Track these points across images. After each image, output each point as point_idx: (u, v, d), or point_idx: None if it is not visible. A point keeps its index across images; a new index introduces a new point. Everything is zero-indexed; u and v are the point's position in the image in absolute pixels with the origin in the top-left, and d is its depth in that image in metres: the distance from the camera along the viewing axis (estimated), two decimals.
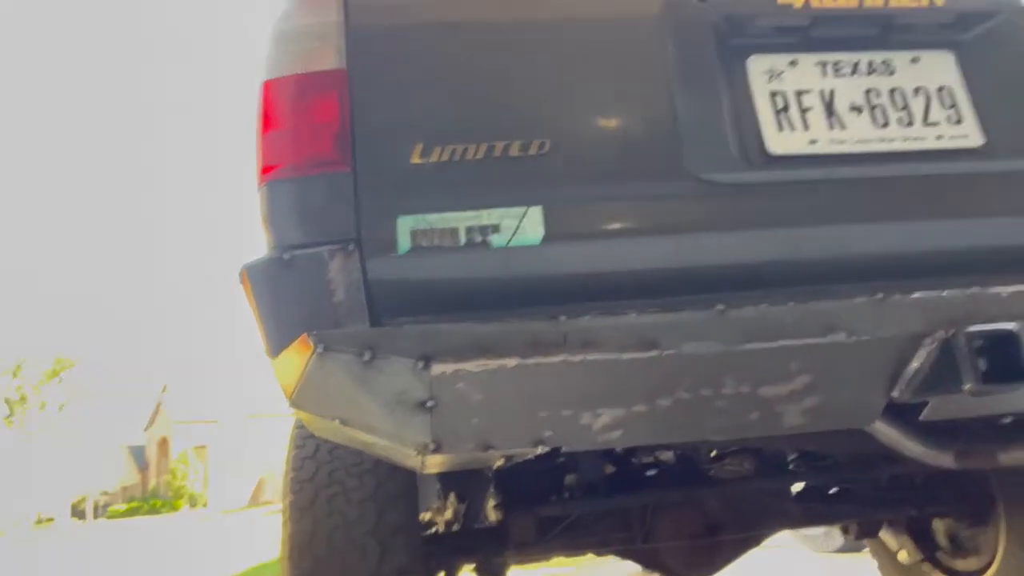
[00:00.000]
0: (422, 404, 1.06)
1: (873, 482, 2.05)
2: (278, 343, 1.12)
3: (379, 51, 1.25)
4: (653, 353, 1.07)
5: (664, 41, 1.27)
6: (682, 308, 1.12)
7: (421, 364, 1.04)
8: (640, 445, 1.21)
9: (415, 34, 1.27)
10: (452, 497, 1.95)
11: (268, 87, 1.24)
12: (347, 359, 1.04)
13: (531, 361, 1.05)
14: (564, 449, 1.18)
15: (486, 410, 1.10)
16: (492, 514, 1.87)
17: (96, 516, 28.48)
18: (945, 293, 1.13)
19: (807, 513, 2.04)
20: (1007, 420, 1.36)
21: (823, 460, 2.00)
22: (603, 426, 1.12)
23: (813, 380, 1.12)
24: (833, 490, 2.12)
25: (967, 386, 1.06)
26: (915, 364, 1.11)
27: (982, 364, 1.08)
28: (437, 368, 1.04)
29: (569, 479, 1.91)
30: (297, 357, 1.08)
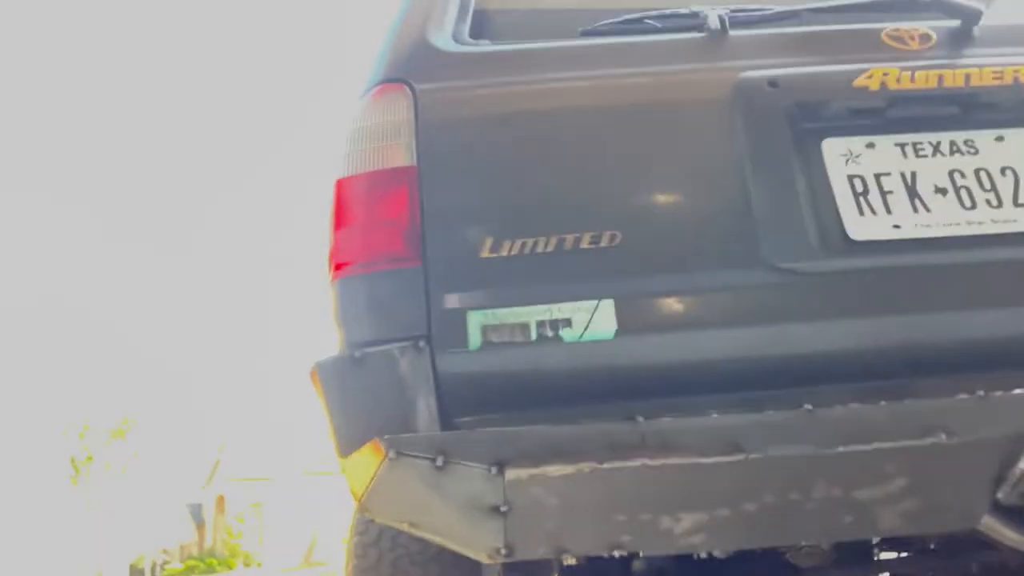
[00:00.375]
0: (495, 509, 1.03)
1: (963, 570, 1.91)
2: (349, 444, 1.10)
3: (449, 147, 1.26)
4: (738, 457, 1.02)
5: (735, 127, 1.25)
6: (764, 407, 1.07)
7: (495, 470, 1.01)
8: (725, 549, 1.14)
9: (483, 129, 1.29)
10: None
11: (340, 185, 1.26)
12: (420, 464, 1.02)
13: (608, 465, 1.02)
14: (642, 554, 1.12)
15: (561, 514, 1.06)
16: None
17: (154, 575, 28.76)
18: None
19: None
20: None
21: (910, 545, 1.88)
22: (684, 531, 1.07)
23: (911, 483, 1.05)
24: None
25: None
26: (1022, 466, 1.04)
27: None
28: (511, 473, 1.01)
29: (637, 564, 1.83)
30: (368, 460, 1.06)
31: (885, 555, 1.93)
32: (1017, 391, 1.05)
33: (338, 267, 1.24)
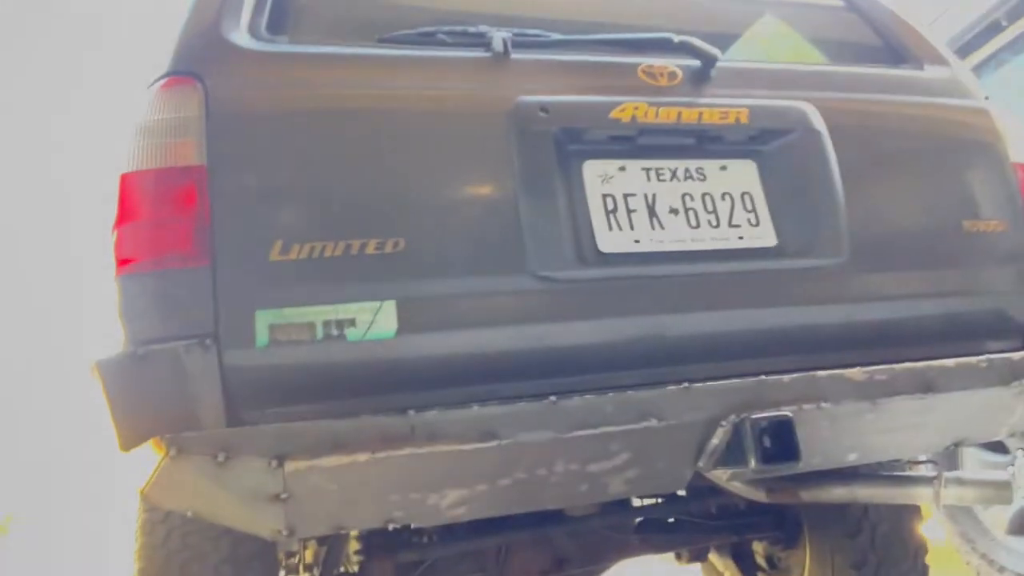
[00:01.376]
0: (276, 496, 1.12)
1: (704, 512, 2.29)
2: (131, 439, 1.14)
3: (239, 147, 1.29)
4: (493, 444, 1.19)
5: (510, 145, 1.40)
6: (522, 398, 1.25)
7: (275, 463, 1.10)
8: (484, 517, 1.33)
9: (275, 130, 1.32)
10: (312, 543, 2.00)
11: (126, 180, 1.26)
12: (201, 460, 1.09)
13: (381, 455, 1.14)
14: (413, 525, 1.28)
15: (339, 498, 1.18)
16: (352, 559, 1.94)
17: None
18: (737, 381, 1.32)
19: (646, 543, 2.25)
20: None
21: (661, 494, 2.22)
22: (449, 504, 1.24)
23: (631, 457, 1.29)
24: (670, 520, 2.35)
25: (751, 465, 1.26)
26: (714, 442, 1.30)
27: (765, 443, 1.28)
28: (291, 465, 1.11)
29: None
30: (149, 456, 1.11)
31: (645, 501, 2.26)
32: (711, 383, 1.31)
33: (122, 263, 1.24)
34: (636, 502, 2.25)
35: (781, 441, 1.27)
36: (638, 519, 2.27)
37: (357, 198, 1.32)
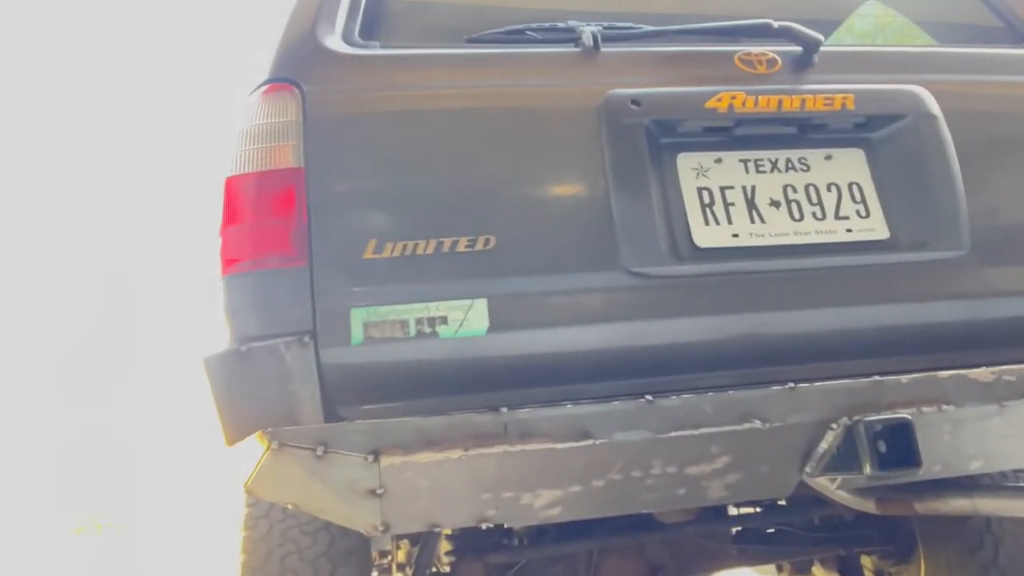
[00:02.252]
0: (372, 491, 1.14)
1: (806, 523, 2.18)
2: (235, 434, 1.18)
3: (335, 149, 1.32)
4: (587, 443, 1.16)
5: (601, 140, 1.37)
6: (614, 398, 1.22)
7: (371, 457, 1.12)
8: (578, 519, 1.30)
9: (369, 132, 1.35)
10: (405, 543, 2.02)
11: (230, 184, 1.31)
12: (301, 454, 1.11)
13: (473, 452, 1.14)
14: (507, 525, 1.27)
15: (433, 494, 1.18)
16: (443, 560, 1.95)
17: None
18: (849, 382, 1.25)
19: (744, 554, 2.16)
20: None
21: (760, 503, 2.13)
22: (543, 504, 1.22)
23: (733, 460, 1.23)
24: (770, 530, 2.25)
25: (866, 471, 1.18)
26: (823, 446, 1.23)
27: (881, 448, 1.20)
28: (386, 460, 1.12)
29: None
30: (253, 450, 1.15)
31: (741, 510, 2.18)
32: (819, 383, 1.24)
33: (227, 263, 1.29)
34: (733, 510, 2.17)
35: (899, 446, 1.19)
36: (736, 528, 2.18)
37: (448, 197, 1.33)
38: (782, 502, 2.08)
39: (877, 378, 1.26)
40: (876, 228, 1.42)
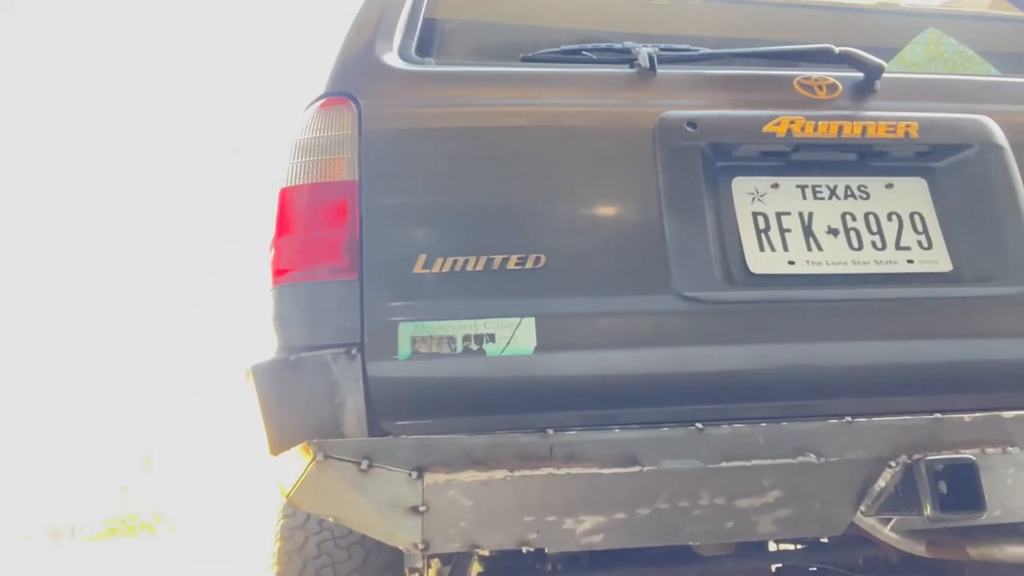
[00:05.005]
0: (415, 508, 1.12)
1: (850, 564, 2.11)
2: (280, 444, 1.18)
3: (390, 164, 1.33)
4: (634, 469, 1.13)
5: (655, 162, 1.36)
6: (662, 424, 1.19)
7: (415, 474, 1.10)
8: (620, 547, 1.27)
9: (423, 148, 1.35)
10: (436, 561, 2.00)
11: (284, 194, 1.32)
12: (346, 467, 1.10)
13: (518, 473, 1.12)
14: (548, 550, 1.24)
15: (475, 514, 1.16)
16: None
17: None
18: (909, 419, 1.20)
19: None
20: None
21: (803, 540, 2.06)
22: (585, 530, 1.19)
23: (784, 495, 1.19)
24: (812, 569, 2.18)
25: (927, 513, 1.13)
26: (880, 484, 1.18)
27: (942, 489, 1.15)
28: (430, 478, 1.11)
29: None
30: (297, 461, 1.14)
31: (781, 546, 2.11)
32: (877, 418, 1.19)
33: (278, 273, 1.30)
34: (773, 546, 2.11)
35: (962, 488, 1.14)
36: (776, 566, 2.12)
37: (499, 214, 1.32)
38: (824, 540, 2.01)
39: (939, 416, 1.21)
40: (939, 260, 1.38)
